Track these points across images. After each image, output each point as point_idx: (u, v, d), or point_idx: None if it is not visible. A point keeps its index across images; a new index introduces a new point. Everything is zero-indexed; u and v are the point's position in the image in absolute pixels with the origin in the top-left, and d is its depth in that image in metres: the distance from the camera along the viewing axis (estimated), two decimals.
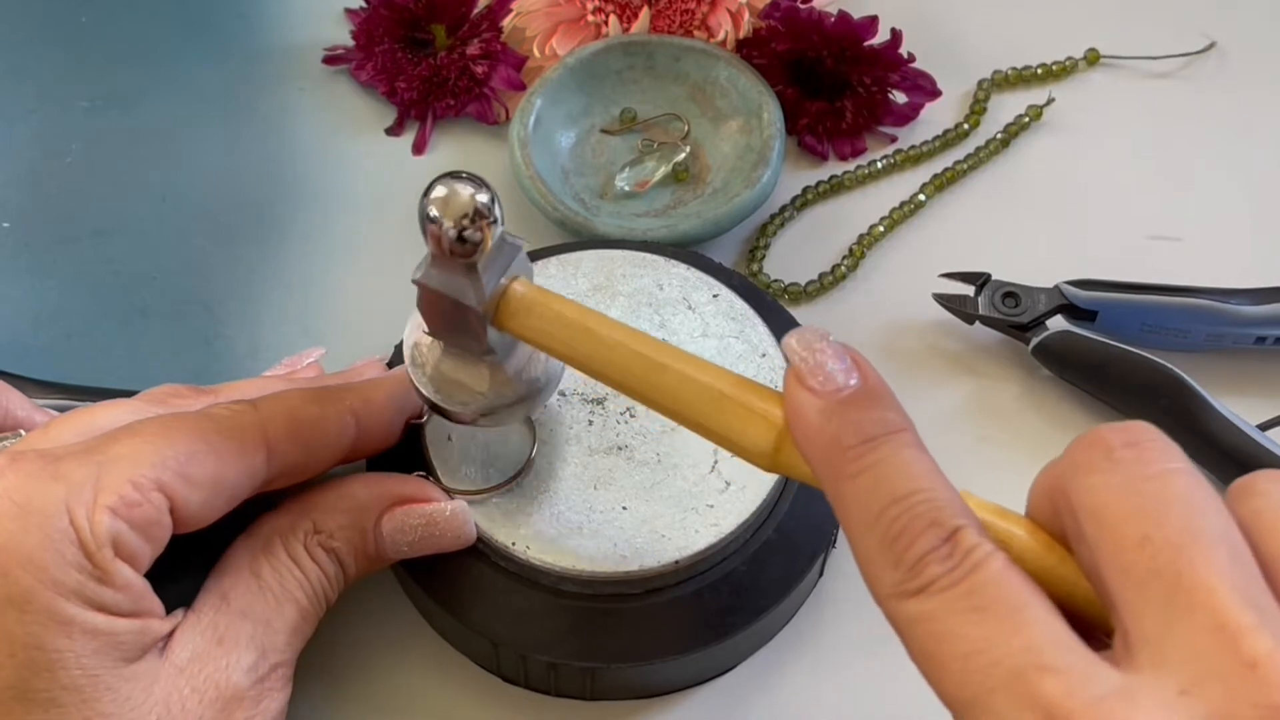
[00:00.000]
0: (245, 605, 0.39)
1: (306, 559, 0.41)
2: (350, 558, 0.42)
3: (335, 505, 0.42)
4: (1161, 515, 0.28)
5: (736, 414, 0.35)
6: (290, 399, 0.40)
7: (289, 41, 0.63)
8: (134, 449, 0.36)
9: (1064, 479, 0.30)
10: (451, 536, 0.43)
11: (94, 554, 0.34)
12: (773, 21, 0.59)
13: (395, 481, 0.43)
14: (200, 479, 0.37)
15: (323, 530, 0.41)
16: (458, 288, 0.38)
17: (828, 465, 0.32)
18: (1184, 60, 0.63)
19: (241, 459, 0.38)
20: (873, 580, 0.30)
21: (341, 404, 0.42)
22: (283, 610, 0.40)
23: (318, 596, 0.41)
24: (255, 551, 0.40)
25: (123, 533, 0.35)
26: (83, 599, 0.34)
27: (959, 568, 0.29)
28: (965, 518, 0.30)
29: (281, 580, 0.40)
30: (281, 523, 0.41)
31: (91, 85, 0.61)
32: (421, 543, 0.42)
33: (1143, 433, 0.30)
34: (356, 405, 0.42)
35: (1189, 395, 0.49)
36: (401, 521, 0.42)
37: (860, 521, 0.30)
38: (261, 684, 0.38)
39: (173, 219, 0.57)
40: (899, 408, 0.32)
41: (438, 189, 0.37)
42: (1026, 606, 0.28)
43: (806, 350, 0.33)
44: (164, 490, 0.36)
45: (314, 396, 0.41)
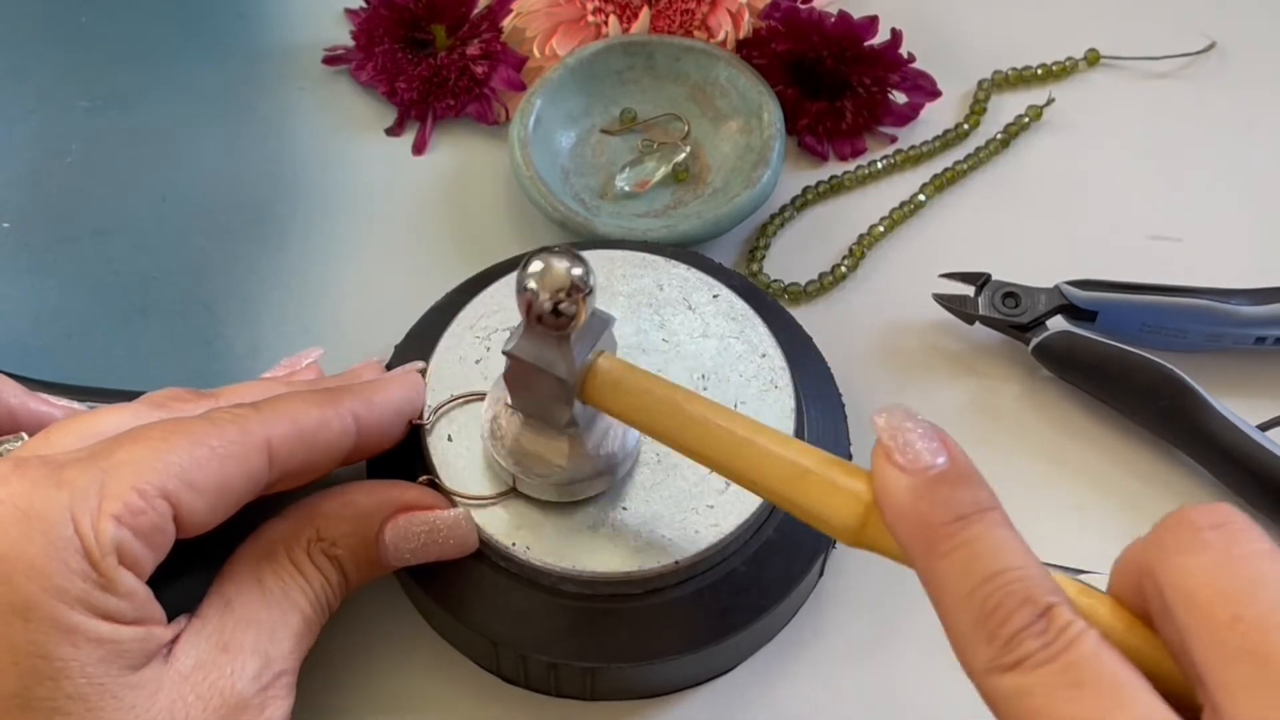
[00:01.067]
0: (249, 612, 0.39)
1: (310, 566, 0.41)
2: (353, 565, 0.42)
3: (338, 513, 0.42)
4: (1253, 595, 0.29)
5: (823, 489, 0.36)
6: (292, 402, 0.41)
7: (289, 41, 0.63)
8: (138, 455, 0.36)
9: (1150, 560, 0.31)
10: (454, 544, 0.43)
11: (98, 562, 0.34)
12: (773, 22, 0.59)
13: (398, 489, 0.43)
14: (204, 485, 0.37)
15: (326, 538, 0.41)
16: (549, 360, 0.39)
17: (919, 543, 0.32)
18: (1184, 60, 0.63)
19: (244, 463, 0.38)
20: (966, 656, 0.31)
21: (342, 406, 0.42)
22: (286, 618, 0.40)
23: (320, 604, 0.41)
24: (259, 559, 0.40)
25: (127, 540, 0.35)
26: (87, 607, 0.34)
27: (1054, 643, 0.29)
28: (1058, 595, 0.30)
29: (285, 588, 0.40)
30: (285, 530, 0.41)
31: (91, 85, 0.61)
32: (424, 550, 0.42)
33: (1228, 514, 0.31)
34: (357, 407, 0.42)
35: (1189, 395, 0.49)
36: (404, 529, 0.42)
37: (954, 598, 0.31)
38: (265, 692, 0.38)
39: (173, 219, 0.57)
40: (988, 487, 0.33)
41: (535, 263, 0.38)
42: (1125, 684, 0.29)
43: (895, 428, 0.34)
44: (168, 497, 0.36)
45: (315, 399, 0.41)
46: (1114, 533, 0.49)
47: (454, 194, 0.58)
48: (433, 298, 0.50)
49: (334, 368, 0.48)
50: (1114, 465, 0.51)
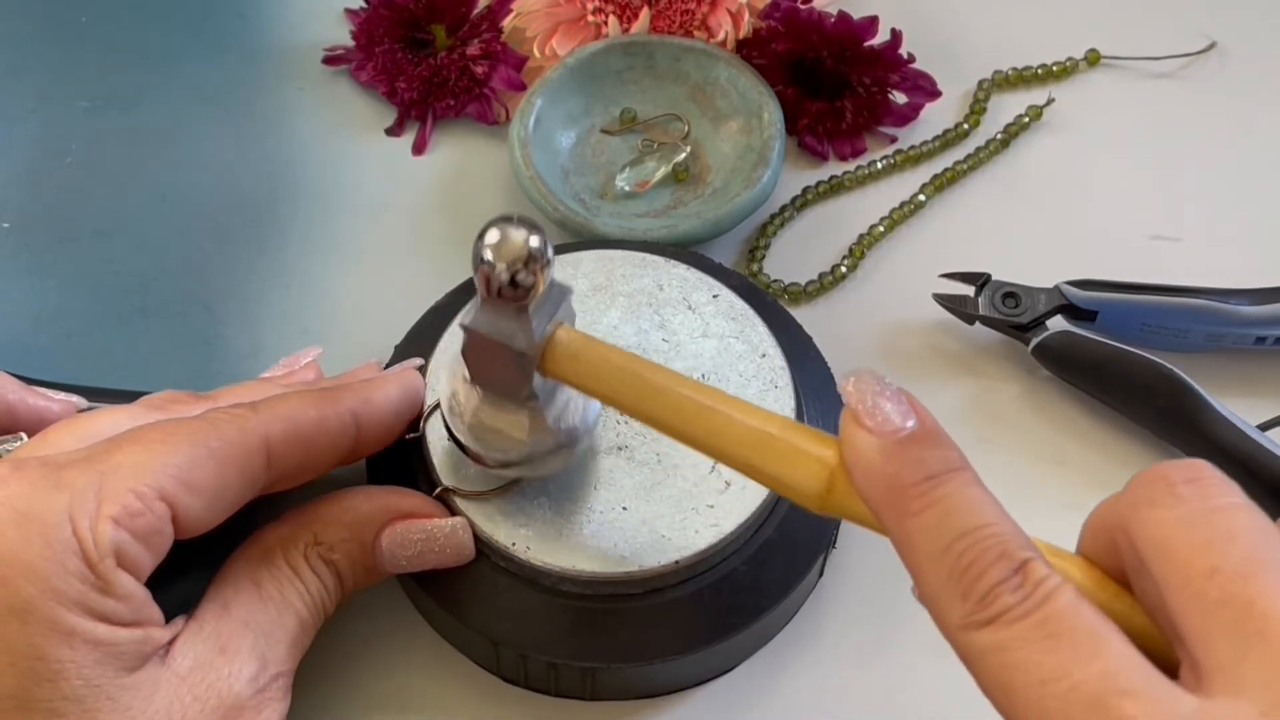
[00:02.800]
0: (247, 615, 0.39)
1: (306, 570, 0.41)
2: (349, 570, 0.42)
3: (336, 518, 0.42)
4: (1228, 547, 0.29)
5: (786, 455, 0.36)
6: (290, 403, 0.40)
7: (289, 41, 0.63)
8: (136, 457, 0.36)
9: (1124, 514, 0.31)
10: (451, 553, 0.43)
11: (96, 564, 0.34)
12: (773, 22, 0.59)
13: (396, 496, 0.43)
14: (202, 486, 0.37)
15: (323, 542, 0.41)
16: (508, 332, 0.38)
17: (890, 504, 0.32)
18: (1184, 61, 0.63)
19: (243, 464, 0.38)
20: (940, 613, 0.31)
21: (341, 405, 0.42)
22: (283, 620, 0.40)
23: (316, 608, 0.41)
24: (256, 562, 0.40)
25: (125, 543, 0.35)
26: (84, 609, 0.34)
27: (1030, 597, 0.29)
28: (1033, 550, 0.30)
29: (282, 591, 0.40)
30: (282, 533, 0.41)
31: (91, 85, 0.61)
32: (420, 558, 0.43)
33: (1202, 469, 0.31)
34: (356, 407, 0.42)
35: (1189, 395, 0.49)
36: (401, 536, 0.42)
37: (926, 556, 0.31)
38: (262, 694, 0.38)
39: (173, 219, 0.57)
40: (957, 448, 0.33)
41: (491, 233, 0.37)
42: (1101, 634, 0.29)
43: (863, 392, 0.34)
44: (166, 499, 0.36)
45: (313, 400, 0.41)
46: None
47: (454, 194, 0.58)
48: (433, 298, 0.50)
49: (334, 368, 0.48)
50: (1114, 465, 0.51)
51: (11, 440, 0.42)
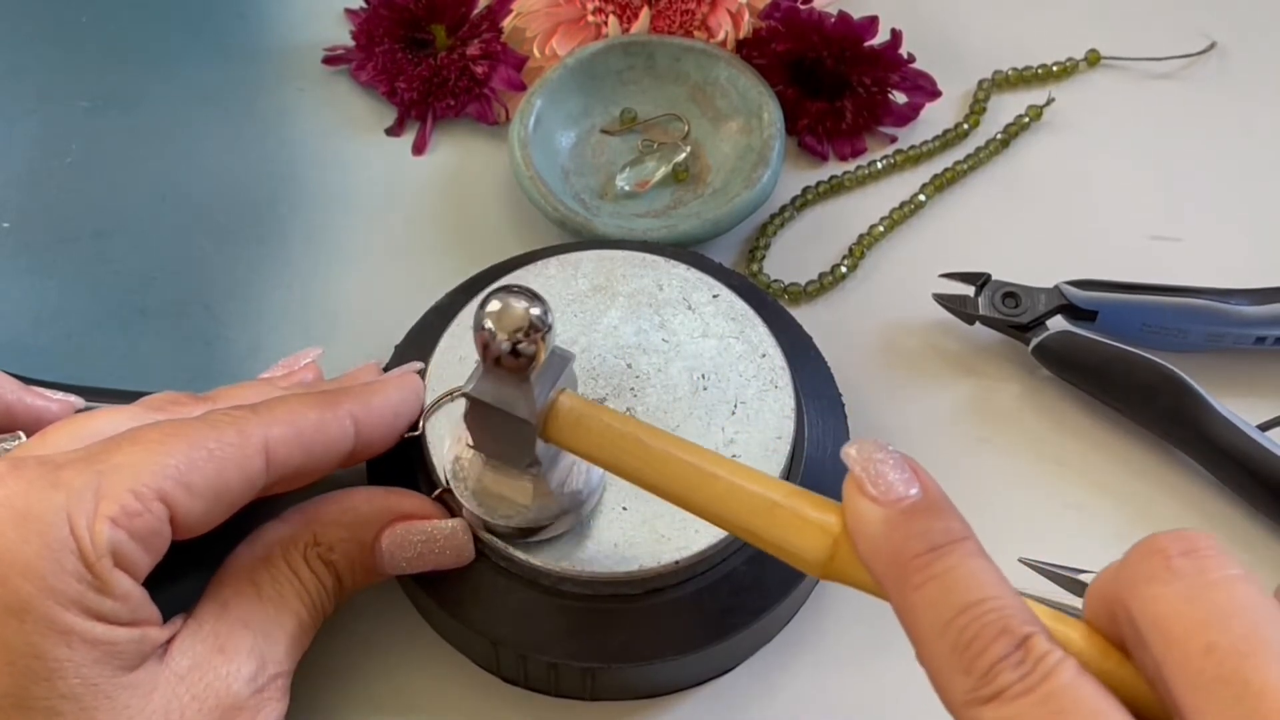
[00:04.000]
0: (245, 614, 0.39)
1: (306, 570, 0.41)
2: (348, 571, 0.42)
3: (336, 518, 0.42)
4: (1225, 623, 0.29)
5: (790, 523, 0.36)
6: (290, 404, 0.40)
7: (289, 41, 0.63)
8: (135, 457, 0.36)
9: (1122, 588, 0.31)
10: (451, 554, 0.43)
11: (93, 564, 0.34)
12: (773, 22, 0.59)
13: (396, 496, 0.43)
14: (201, 487, 0.37)
15: (322, 542, 0.41)
16: (509, 400, 0.38)
17: (893, 575, 0.32)
18: (1184, 61, 0.63)
19: (241, 466, 0.38)
20: (943, 688, 0.31)
21: (340, 408, 0.42)
22: (282, 621, 0.40)
23: (316, 608, 0.41)
24: (255, 562, 0.40)
25: (122, 542, 0.35)
26: (81, 608, 0.34)
27: (1032, 674, 0.29)
28: (1035, 625, 0.30)
29: (280, 591, 0.40)
30: (282, 533, 0.41)
31: (91, 85, 0.61)
32: (419, 559, 0.43)
33: (1199, 540, 0.31)
34: (356, 409, 0.42)
35: (1189, 395, 0.49)
36: (401, 538, 0.42)
37: (929, 630, 0.31)
38: (261, 694, 0.38)
39: (173, 219, 0.57)
40: (961, 517, 0.33)
41: (492, 303, 0.38)
42: (1102, 711, 0.29)
43: (866, 460, 0.34)
44: (164, 499, 0.36)
45: (313, 402, 0.41)
46: (1114, 533, 0.49)
47: (454, 194, 0.58)
48: (433, 298, 0.50)
49: (334, 368, 0.48)
50: (1114, 465, 0.51)
51: (10, 439, 0.42)
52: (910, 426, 0.52)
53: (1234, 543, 0.49)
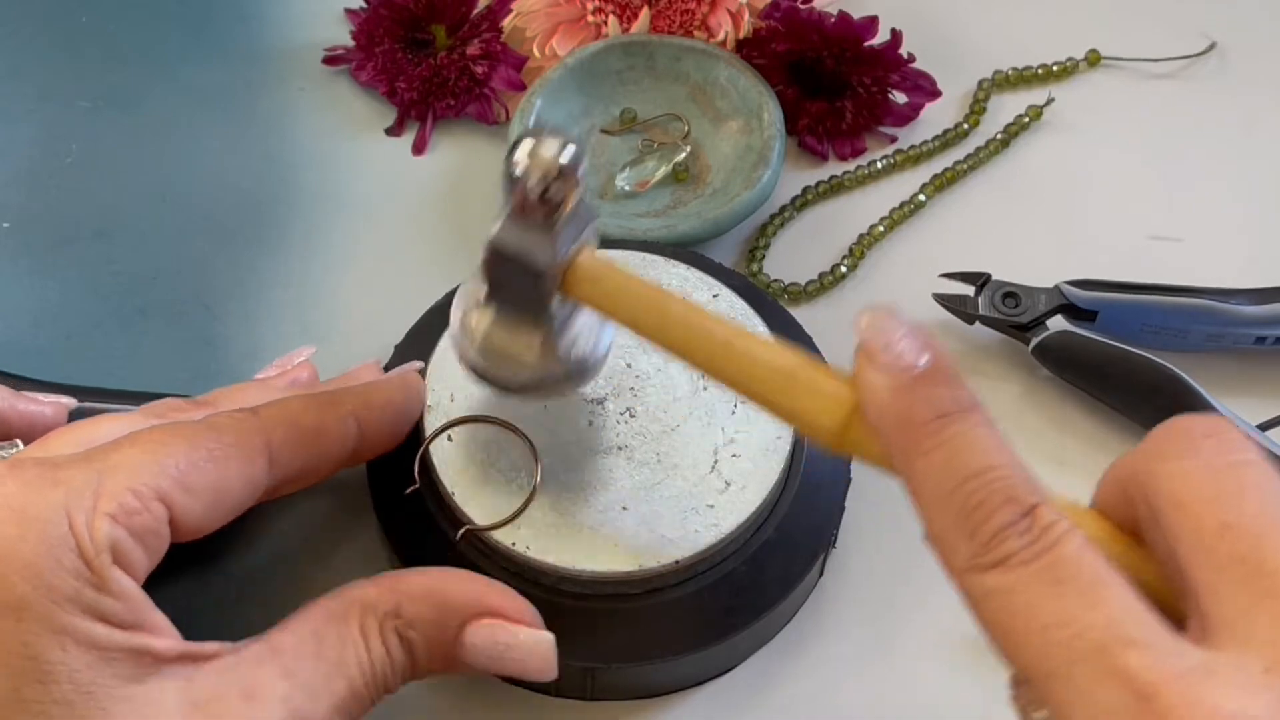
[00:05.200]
0: (293, 664, 0.36)
1: (376, 639, 0.38)
2: (424, 653, 0.39)
3: (424, 596, 0.39)
4: (1241, 503, 0.29)
5: (805, 393, 0.35)
6: (291, 406, 0.40)
7: (289, 41, 0.63)
8: (134, 457, 0.36)
9: (1140, 465, 0.31)
10: (536, 666, 0.40)
11: (92, 560, 0.34)
12: (773, 22, 0.59)
13: (493, 592, 0.40)
14: (201, 488, 0.37)
15: (403, 616, 0.38)
16: (533, 247, 0.37)
17: (901, 441, 0.32)
18: (1184, 61, 0.63)
19: (243, 468, 0.38)
20: (947, 554, 0.31)
21: (342, 409, 0.41)
22: (331, 684, 0.37)
23: (375, 681, 0.38)
24: (328, 616, 0.38)
25: (122, 540, 0.34)
26: (79, 606, 0.34)
27: (1038, 542, 0.29)
28: (1041, 495, 0.30)
29: (342, 653, 0.37)
30: (365, 595, 0.38)
31: (91, 85, 0.61)
32: (499, 663, 0.39)
33: (1221, 424, 0.31)
34: (358, 410, 0.42)
35: (1189, 395, 0.49)
36: (487, 635, 0.39)
37: (935, 496, 0.31)
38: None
39: (173, 219, 0.57)
40: (969, 388, 0.33)
41: (524, 143, 0.36)
42: (1107, 582, 0.29)
43: (878, 328, 0.34)
44: (164, 499, 0.36)
45: (315, 403, 0.41)
46: None
47: (454, 194, 0.58)
48: (433, 298, 0.50)
49: (334, 368, 0.48)
50: None
51: (8, 447, 0.41)
52: None
53: None
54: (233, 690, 0.35)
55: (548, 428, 0.45)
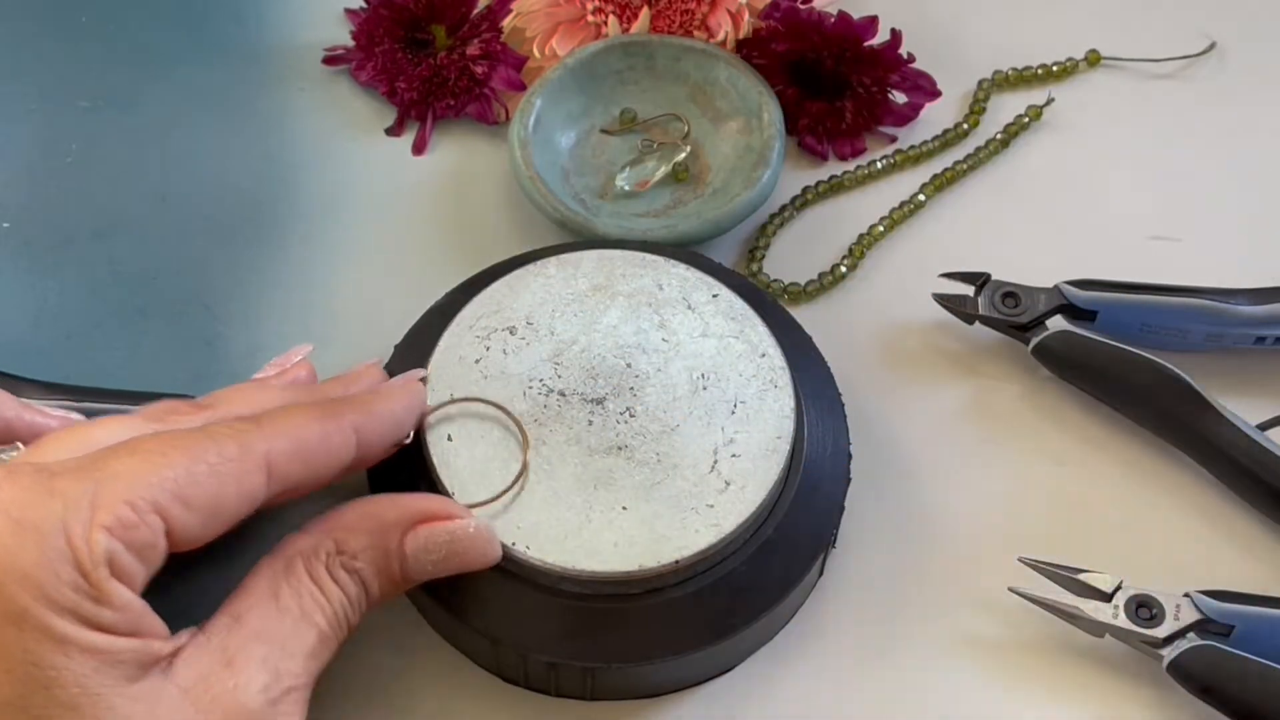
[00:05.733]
0: (260, 626, 0.38)
1: (328, 580, 0.40)
2: (374, 579, 0.41)
3: (358, 525, 0.41)
4: None
5: None
6: (293, 417, 0.40)
7: (289, 41, 0.63)
8: (132, 468, 0.36)
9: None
10: (477, 555, 0.42)
11: (89, 573, 0.34)
12: (773, 22, 0.59)
13: (418, 499, 0.42)
14: (198, 502, 0.37)
15: (345, 550, 0.40)
16: None
17: None
18: (1184, 61, 0.63)
19: (241, 482, 0.38)
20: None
21: (344, 420, 0.41)
22: (300, 632, 0.39)
23: (338, 620, 0.40)
24: (275, 573, 0.39)
25: (118, 552, 0.35)
26: (79, 617, 0.34)
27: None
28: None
29: (300, 602, 0.39)
30: (304, 544, 0.40)
31: (91, 85, 0.61)
32: (446, 562, 0.42)
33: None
34: (359, 420, 0.42)
35: (1189, 395, 0.49)
36: (426, 540, 0.41)
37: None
38: (274, 707, 0.37)
39: (173, 219, 0.57)
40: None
41: None
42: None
43: None
44: (160, 512, 0.36)
45: (316, 414, 0.41)
46: (1114, 532, 0.49)
47: (454, 194, 0.58)
48: (433, 298, 0.50)
49: (333, 368, 0.48)
50: (1114, 465, 0.51)
51: (8, 449, 0.41)
52: (910, 426, 0.52)
53: (1234, 543, 0.49)
54: (215, 664, 0.37)
55: (548, 427, 0.45)
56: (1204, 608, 0.45)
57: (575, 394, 0.45)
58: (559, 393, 0.45)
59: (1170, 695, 0.45)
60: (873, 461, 0.50)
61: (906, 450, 0.51)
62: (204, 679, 0.36)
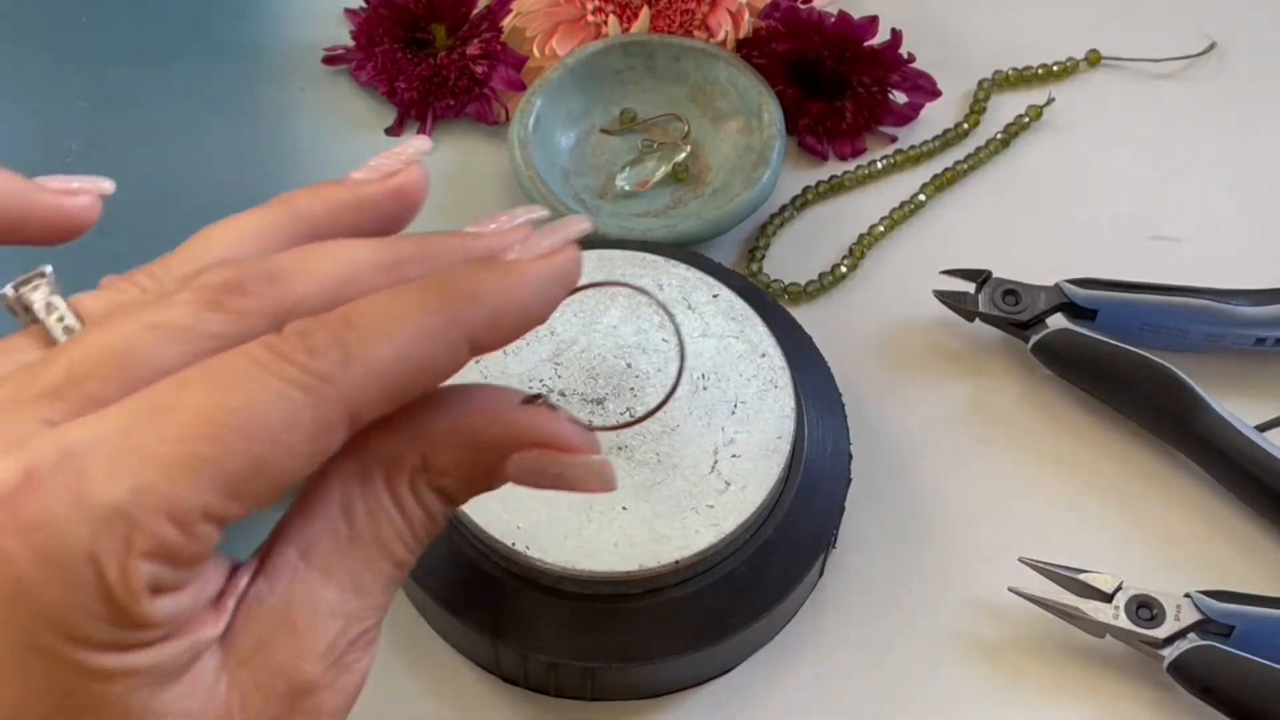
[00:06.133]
0: (329, 561, 0.31)
1: (410, 501, 0.32)
2: (460, 495, 0.33)
3: (452, 440, 0.33)
4: None
5: None
6: (403, 334, 0.31)
7: (289, 41, 0.63)
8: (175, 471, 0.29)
9: None
10: (589, 488, 0.34)
11: (128, 607, 0.28)
12: (773, 21, 0.59)
13: (530, 417, 0.33)
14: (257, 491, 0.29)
15: (432, 467, 0.33)
16: None
17: None
18: (1184, 61, 0.63)
19: (313, 451, 0.30)
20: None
21: (460, 330, 0.31)
22: (374, 564, 0.32)
23: (417, 545, 0.33)
24: (349, 486, 0.32)
25: (162, 575, 0.29)
26: (118, 648, 0.29)
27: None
28: None
29: (378, 529, 0.32)
30: (386, 451, 0.32)
31: (91, 85, 0.61)
32: (548, 485, 0.34)
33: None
34: (479, 329, 0.32)
35: (1188, 395, 0.49)
36: (532, 466, 0.33)
37: None
38: (340, 662, 0.31)
39: (173, 219, 0.57)
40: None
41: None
42: None
43: None
44: (211, 518, 0.29)
45: (428, 323, 0.31)
46: (1114, 533, 0.49)
47: (454, 194, 0.58)
48: None
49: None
50: (1114, 465, 0.51)
51: (35, 279, 0.33)
52: (910, 426, 0.52)
53: (1232, 543, 0.49)
54: (275, 626, 0.31)
55: None
56: (1204, 608, 0.45)
57: (575, 394, 0.45)
58: (559, 393, 0.45)
59: (1170, 695, 0.45)
60: (873, 461, 0.50)
61: (906, 450, 0.51)
62: (264, 645, 0.30)
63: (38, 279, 0.33)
